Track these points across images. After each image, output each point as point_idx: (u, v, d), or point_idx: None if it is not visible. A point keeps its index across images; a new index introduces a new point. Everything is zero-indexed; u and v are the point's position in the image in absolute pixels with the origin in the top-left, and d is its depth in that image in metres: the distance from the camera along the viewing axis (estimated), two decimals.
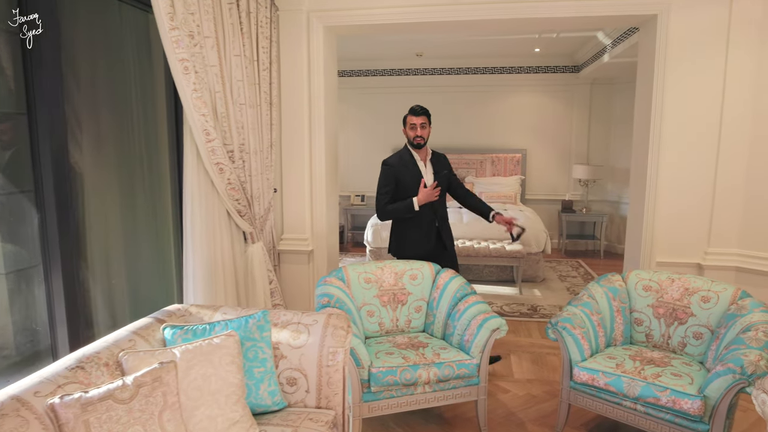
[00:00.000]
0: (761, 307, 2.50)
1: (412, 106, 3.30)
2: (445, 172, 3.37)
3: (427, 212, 3.27)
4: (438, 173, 3.34)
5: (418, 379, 2.52)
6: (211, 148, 2.81)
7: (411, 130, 3.27)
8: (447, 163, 3.46)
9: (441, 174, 3.34)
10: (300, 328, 2.23)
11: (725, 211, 3.41)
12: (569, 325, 2.63)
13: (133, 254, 3.25)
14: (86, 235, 2.99)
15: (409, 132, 3.28)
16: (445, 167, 3.41)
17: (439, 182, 3.27)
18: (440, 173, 3.34)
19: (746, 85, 3.26)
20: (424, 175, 3.29)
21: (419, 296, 3.06)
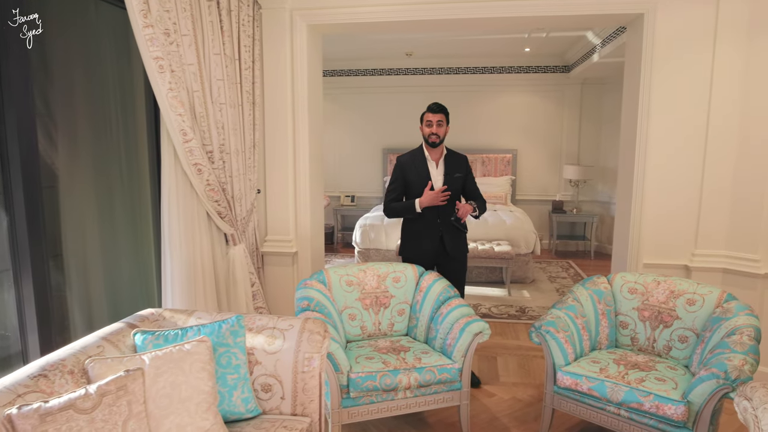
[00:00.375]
0: (746, 310, 2.47)
1: (430, 104, 3.20)
2: (457, 175, 3.21)
3: (431, 215, 3.16)
4: (449, 175, 3.19)
5: (398, 385, 2.47)
6: (188, 149, 2.75)
7: (427, 126, 3.17)
8: (464, 165, 3.30)
9: (452, 176, 3.19)
10: (275, 333, 2.18)
11: (712, 213, 3.37)
12: (553, 328, 2.59)
13: (111, 257, 3.18)
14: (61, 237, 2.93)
15: (425, 129, 3.18)
16: (460, 169, 3.26)
17: (449, 185, 3.14)
18: (452, 175, 3.19)
19: (734, 85, 3.23)
20: (433, 176, 3.18)
21: (402, 299, 3.01)
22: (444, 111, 3.20)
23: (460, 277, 3.32)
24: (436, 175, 3.20)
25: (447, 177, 3.19)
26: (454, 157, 3.29)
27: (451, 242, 3.21)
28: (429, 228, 3.18)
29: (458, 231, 3.26)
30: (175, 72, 2.64)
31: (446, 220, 3.20)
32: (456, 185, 3.20)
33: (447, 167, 3.22)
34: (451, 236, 3.22)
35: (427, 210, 3.14)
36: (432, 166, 3.22)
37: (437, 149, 3.21)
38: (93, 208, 3.11)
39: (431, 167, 3.21)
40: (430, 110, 3.19)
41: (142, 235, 3.30)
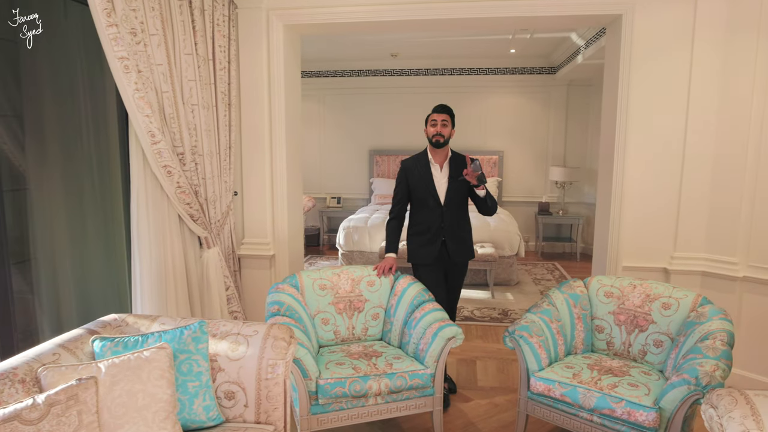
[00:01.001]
0: (720, 314, 2.45)
1: (435, 105, 3.13)
2: (462, 178, 3.04)
3: (434, 219, 3.07)
4: (455, 178, 3.07)
5: (368, 391, 2.42)
6: (157, 151, 2.70)
7: (431, 126, 3.08)
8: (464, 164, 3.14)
9: (456, 179, 3.07)
10: (239, 339, 2.13)
11: (691, 215, 3.36)
12: (526, 333, 2.56)
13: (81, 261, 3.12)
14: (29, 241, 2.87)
15: (429, 129, 3.09)
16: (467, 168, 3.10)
17: (456, 188, 3.06)
18: (456, 178, 3.09)
19: (712, 85, 3.22)
20: (437, 180, 3.08)
21: (377, 303, 2.97)
22: (449, 111, 3.12)
23: (460, 283, 3.26)
24: (440, 179, 3.09)
25: (451, 180, 3.08)
26: (459, 160, 3.15)
27: (454, 247, 3.10)
28: (432, 232, 3.07)
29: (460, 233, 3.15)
30: (142, 72, 2.59)
31: (451, 222, 3.09)
32: (461, 188, 3.09)
33: (452, 170, 3.10)
34: (455, 242, 3.11)
35: (430, 213, 3.07)
36: (436, 169, 3.10)
37: (441, 152, 3.11)
38: (63, 211, 3.04)
39: (435, 171, 3.10)
40: (434, 110, 3.12)
41: (114, 239, 3.24)
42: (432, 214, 3.09)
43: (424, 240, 3.10)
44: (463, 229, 3.19)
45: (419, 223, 3.13)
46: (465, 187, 3.11)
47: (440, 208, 3.08)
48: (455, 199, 3.11)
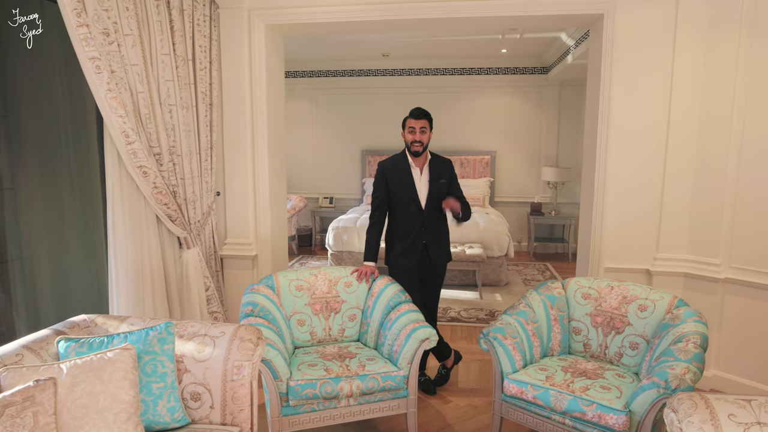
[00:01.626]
0: (695, 316, 2.43)
1: (412, 109, 3.04)
2: (443, 181, 3.04)
3: (414, 223, 3.04)
4: (434, 181, 3.04)
5: (339, 393, 2.41)
6: (131, 151, 2.70)
7: (410, 133, 3.00)
8: (449, 169, 3.14)
9: (437, 183, 3.04)
10: (206, 340, 2.12)
11: (674, 216, 3.33)
12: (500, 335, 2.54)
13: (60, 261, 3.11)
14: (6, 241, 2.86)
15: (408, 136, 3.01)
16: (445, 175, 3.10)
17: (436, 192, 3.03)
18: (436, 182, 3.04)
19: (694, 84, 3.19)
20: (417, 183, 3.04)
21: (354, 304, 2.96)
22: (428, 117, 3.03)
23: (439, 285, 3.24)
24: (420, 182, 3.06)
25: (432, 184, 3.05)
26: (439, 163, 3.12)
27: (435, 249, 3.09)
28: (412, 236, 3.05)
29: (441, 237, 3.14)
30: (115, 72, 2.59)
31: (432, 227, 3.07)
32: (441, 192, 3.07)
33: (432, 174, 3.07)
34: (435, 245, 3.10)
35: (410, 217, 3.04)
36: (416, 173, 3.06)
37: (421, 155, 3.06)
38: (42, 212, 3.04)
39: (415, 174, 3.06)
40: (412, 116, 3.01)
41: (93, 239, 3.23)
42: (413, 218, 3.07)
43: (404, 245, 3.08)
44: (442, 232, 3.18)
45: (399, 228, 3.11)
46: (445, 190, 3.10)
47: (421, 213, 3.07)
48: (436, 203, 3.09)
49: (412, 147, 3.02)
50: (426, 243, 3.08)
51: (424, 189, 3.07)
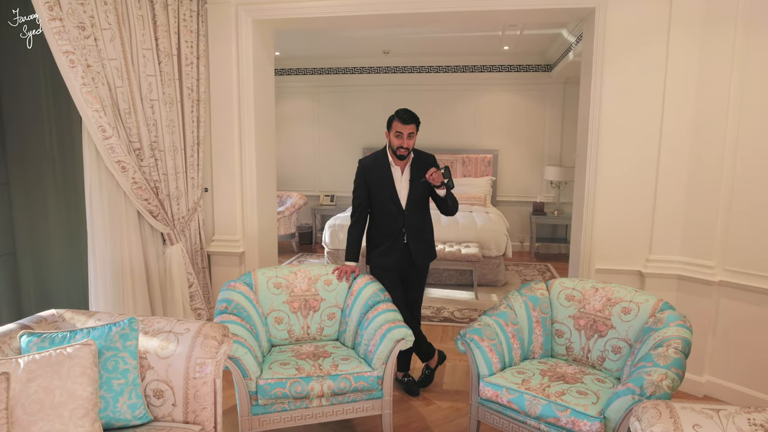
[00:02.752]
0: (678, 320, 2.34)
1: (399, 111, 2.89)
2: (424, 180, 2.90)
3: (395, 222, 2.96)
4: (416, 180, 2.94)
5: (310, 392, 2.37)
6: (109, 146, 2.68)
7: (396, 138, 2.87)
8: (432, 165, 2.99)
9: (418, 182, 2.93)
10: (170, 337, 2.09)
11: (667, 217, 3.23)
12: (477, 336, 2.48)
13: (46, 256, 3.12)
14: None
15: (394, 140, 2.89)
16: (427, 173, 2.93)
17: (418, 191, 2.96)
18: (418, 180, 2.93)
19: (688, 82, 3.09)
20: (398, 182, 2.97)
21: (333, 303, 2.91)
22: (416, 121, 2.93)
23: (422, 284, 3.19)
24: (401, 182, 2.98)
25: (413, 183, 2.97)
26: (421, 160, 3.02)
27: (417, 248, 3.02)
28: (393, 235, 2.98)
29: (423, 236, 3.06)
30: (91, 67, 2.57)
31: (413, 226, 3.00)
32: (422, 191, 2.99)
33: (413, 173, 2.98)
34: (416, 244, 3.02)
35: (391, 215, 2.98)
36: (396, 172, 2.99)
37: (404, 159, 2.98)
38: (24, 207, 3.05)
39: (395, 174, 2.99)
40: (400, 119, 2.87)
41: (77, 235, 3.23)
42: (393, 218, 3.01)
43: (386, 246, 3.02)
44: (424, 231, 3.11)
45: (380, 227, 3.06)
46: (427, 189, 3.03)
47: (401, 213, 3.00)
48: (417, 202, 3.03)
49: (397, 152, 2.93)
50: (407, 242, 3.02)
51: (405, 189, 3.01)
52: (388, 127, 3.01)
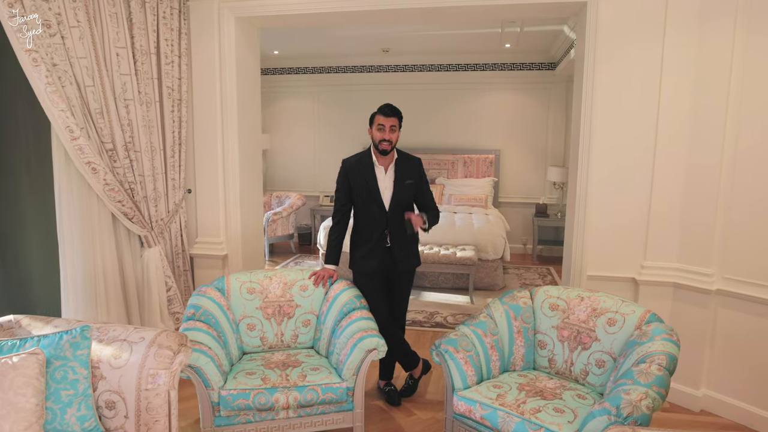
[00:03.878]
0: (664, 334, 2.19)
1: (381, 105, 2.83)
2: (409, 182, 2.85)
3: (378, 224, 2.86)
4: (400, 182, 2.85)
5: (275, 404, 2.28)
6: (77, 147, 2.62)
7: (378, 131, 2.80)
8: (417, 169, 2.93)
9: (403, 183, 2.85)
10: (124, 345, 2.01)
11: (662, 222, 3.08)
12: (452, 348, 2.36)
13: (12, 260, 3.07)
14: None
15: (376, 134, 2.81)
16: (412, 175, 2.90)
17: (402, 192, 2.87)
18: (402, 182, 2.85)
19: (685, 80, 2.92)
20: (381, 183, 2.87)
21: (308, 309, 2.82)
22: (398, 114, 2.85)
23: (407, 292, 3.08)
24: (384, 182, 2.87)
25: (397, 184, 2.87)
26: (406, 161, 2.93)
27: (400, 254, 2.91)
28: (376, 238, 2.88)
29: (408, 239, 2.95)
30: (58, 65, 2.51)
31: (397, 229, 2.90)
32: (407, 193, 2.90)
33: (398, 173, 2.89)
34: (401, 248, 2.92)
35: (374, 219, 2.88)
36: (380, 172, 2.88)
37: (388, 155, 2.89)
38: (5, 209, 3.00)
39: (379, 173, 2.88)
40: (382, 113, 2.80)
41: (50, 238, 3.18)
42: (376, 220, 2.90)
43: (367, 249, 2.91)
44: (409, 235, 3.00)
45: (362, 230, 2.95)
46: (412, 191, 2.93)
47: (385, 215, 2.89)
48: (401, 204, 2.92)
49: (380, 146, 2.84)
50: (390, 246, 2.91)
51: (389, 189, 2.90)
52: (370, 124, 2.92)
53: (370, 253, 2.91)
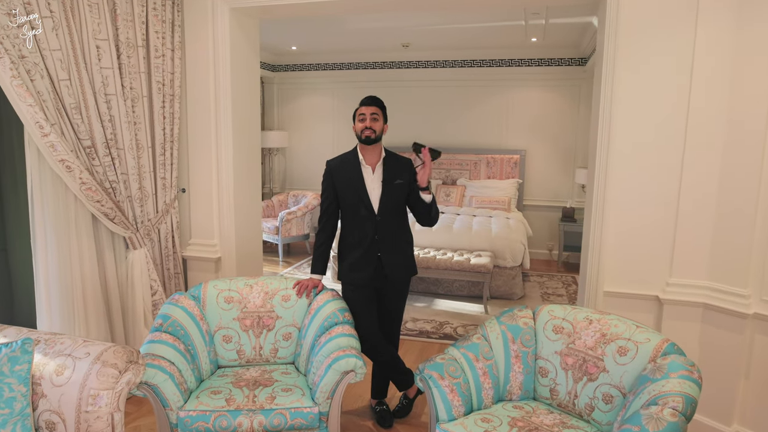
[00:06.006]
0: (683, 370, 1.86)
1: (362, 98, 2.69)
2: (399, 182, 2.64)
3: (367, 229, 2.63)
4: (388, 182, 2.64)
5: (237, 428, 2.07)
6: (49, 144, 2.49)
7: (360, 122, 2.61)
8: (408, 170, 2.71)
9: (392, 183, 2.64)
10: (68, 361, 1.85)
11: (692, 232, 2.71)
12: (436, 374, 2.10)
13: None
14: None
15: (358, 125, 2.61)
16: (402, 176, 2.67)
17: (392, 193, 2.63)
18: (391, 182, 2.64)
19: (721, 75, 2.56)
20: (368, 183, 2.64)
21: (290, 321, 2.61)
22: (379, 104, 2.66)
23: (401, 305, 2.83)
24: (372, 183, 2.64)
25: (386, 185, 2.64)
26: (395, 161, 2.71)
27: (390, 262, 2.66)
28: (365, 247, 2.64)
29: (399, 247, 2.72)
30: (27, 58, 2.38)
31: (387, 236, 2.66)
32: (397, 194, 2.65)
33: (386, 173, 2.65)
34: (391, 255, 2.67)
35: (361, 225, 2.65)
36: (367, 171, 2.65)
37: (373, 151, 2.66)
38: None
39: (366, 173, 2.65)
40: (362, 103, 2.66)
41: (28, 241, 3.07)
42: (364, 224, 2.65)
43: (356, 257, 2.67)
44: (401, 240, 2.75)
45: (350, 236, 2.72)
46: (402, 192, 2.67)
47: (374, 218, 2.65)
48: (391, 206, 2.67)
49: (362, 134, 2.61)
50: (381, 253, 2.67)
51: (377, 190, 2.66)
52: (353, 120, 2.70)
53: (358, 262, 2.67)
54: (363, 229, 2.65)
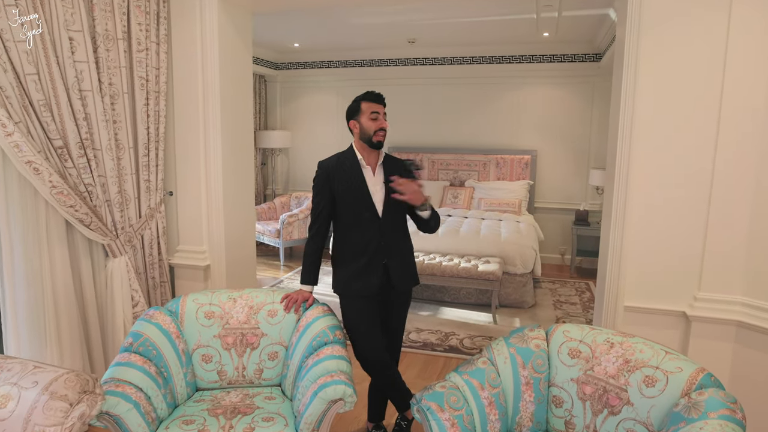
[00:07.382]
0: (724, 409, 1.60)
1: (367, 92, 2.41)
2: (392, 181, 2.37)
3: (370, 236, 2.38)
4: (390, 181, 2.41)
5: None
6: (13, 144, 2.27)
7: (371, 120, 2.35)
8: (406, 173, 2.44)
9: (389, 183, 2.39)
10: (13, 391, 1.62)
11: (723, 242, 2.44)
12: (435, 405, 1.85)
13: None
14: None
15: (371, 123, 2.36)
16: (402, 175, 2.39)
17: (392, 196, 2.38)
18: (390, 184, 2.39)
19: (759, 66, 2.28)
20: (370, 185, 2.42)
21: (276, 339, 2.37)
22: (385, 101, 2.43)
23: (403, 318, 2.59)
24: (374, 185, 2.42)
25: (388, 186, 2.40)
26: (393, 162, 2.49)
27: (398, 269, 2.43)
28: (369, 254, 2.38)
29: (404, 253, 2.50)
30: None
31: (393, 242, 2.43)
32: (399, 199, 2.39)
33: (387, 175, 2.43)
34: (399, 264, 2.44)
35: (364, 231, 2.39)
36: (368, 172, 2.42)
37: (374, 151, 2.44)
38: None
39: (367, 174, 2.42)
40: (372, 99, 2.38)
41: None
42: (368, 230, 2.40)
43: (359, 266, 2.40)
44: (406, 247, 2.52)
45: (350, 243, 2.47)
46: None
47: (378, 222, 2.40)
48: (394, 210, 2.43)
49: (375, 137, 2.36)
50: (387, 261, 2.42)
51: (380, 192, 2.42)
52: (354, 115, 2.42)
53: (362, 271, 2.42)
54: (366, 234, 2.40)
